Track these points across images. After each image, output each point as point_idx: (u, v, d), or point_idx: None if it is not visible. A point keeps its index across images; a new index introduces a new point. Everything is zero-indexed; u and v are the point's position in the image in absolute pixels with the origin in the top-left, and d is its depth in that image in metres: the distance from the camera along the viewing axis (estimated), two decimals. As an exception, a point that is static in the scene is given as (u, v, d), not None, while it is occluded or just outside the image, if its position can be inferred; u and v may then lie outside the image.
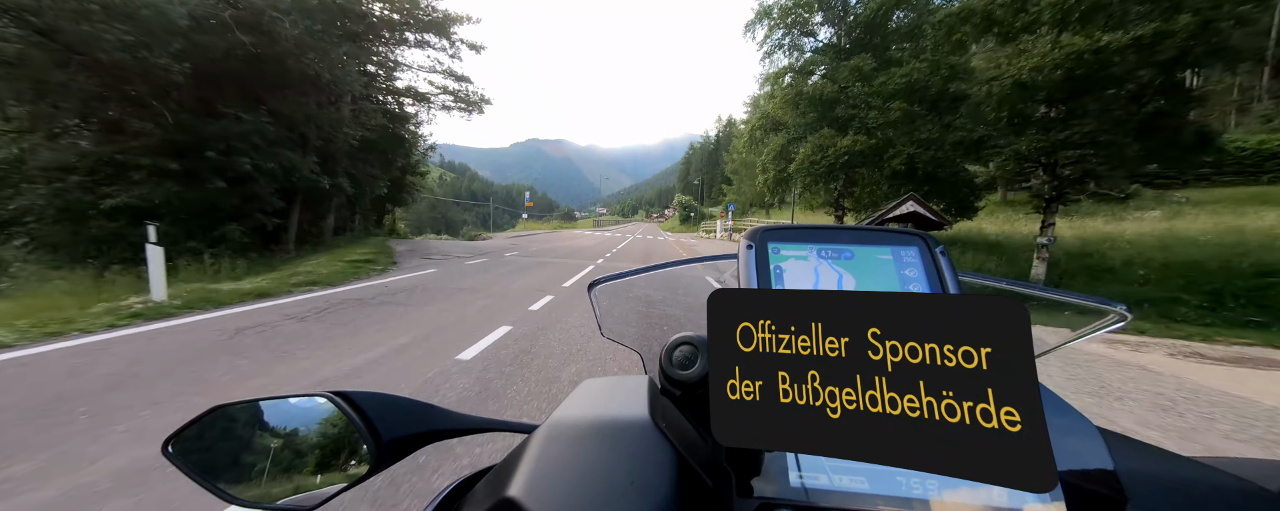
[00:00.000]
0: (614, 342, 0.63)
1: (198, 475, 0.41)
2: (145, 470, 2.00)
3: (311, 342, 4.17)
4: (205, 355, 3.73)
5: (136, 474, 1.98)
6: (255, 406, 0.45)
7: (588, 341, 4.32)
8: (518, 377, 3.33)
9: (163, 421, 2.54)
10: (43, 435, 2.33)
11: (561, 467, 0.35)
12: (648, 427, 0.38)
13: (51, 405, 2.68)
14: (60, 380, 3.10)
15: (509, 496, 0.32)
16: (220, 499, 0.41)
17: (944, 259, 0.46)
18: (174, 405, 2.74)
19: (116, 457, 2.12)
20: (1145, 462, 0.37)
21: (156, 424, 2.50)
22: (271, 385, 3.15)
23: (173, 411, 2.66)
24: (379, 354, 3.83)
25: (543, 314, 5.57)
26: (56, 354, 3.67)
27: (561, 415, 0.42)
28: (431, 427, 0.46)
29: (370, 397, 0.43)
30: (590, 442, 0.37)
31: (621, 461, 0.35)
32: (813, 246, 0.47)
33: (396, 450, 0.43)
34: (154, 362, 3.50)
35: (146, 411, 2.65)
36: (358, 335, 4.44)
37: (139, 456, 2.13)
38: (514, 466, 0.36)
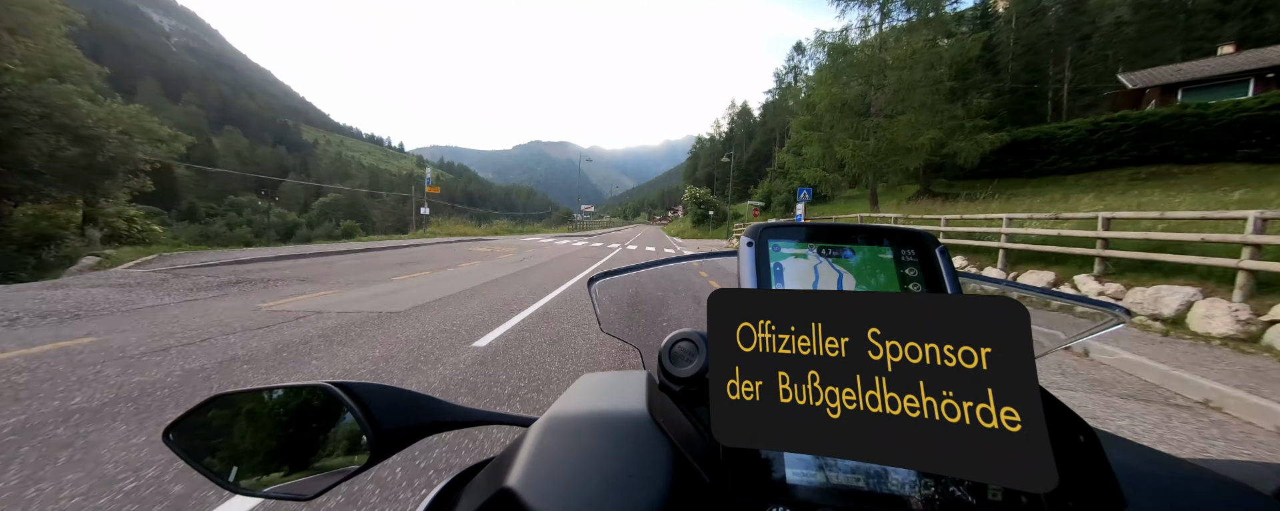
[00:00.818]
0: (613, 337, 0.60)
1: (198, 463, 0.42)
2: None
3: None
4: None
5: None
6: (255, 395, 0.45)
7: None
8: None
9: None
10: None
11: (559, 460, 0.35)
12: (646, 422, 0.38)
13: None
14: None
15: (507, 487, 0.32)
16: (221, 486, 0.41)
17: (944, 258, 0.46)
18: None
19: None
20: (1142, 464, 0.37)
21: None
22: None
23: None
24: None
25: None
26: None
27: (560, 408, 0.42)
28: (431, 419, 0.46)
29: (370, 388, 0.44)
30: (588, 436, 0.37)
31: (619, 455, 0.35)
32: (813, 245, 0.47)
33: (395, 441, 0.43)
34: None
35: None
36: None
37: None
38: (512, 458, 0.36)
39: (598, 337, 4.15)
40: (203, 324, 4.55)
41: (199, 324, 4.54)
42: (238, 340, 3.96)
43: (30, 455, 2.06)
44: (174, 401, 2.70)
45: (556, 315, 5.29)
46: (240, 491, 0.41)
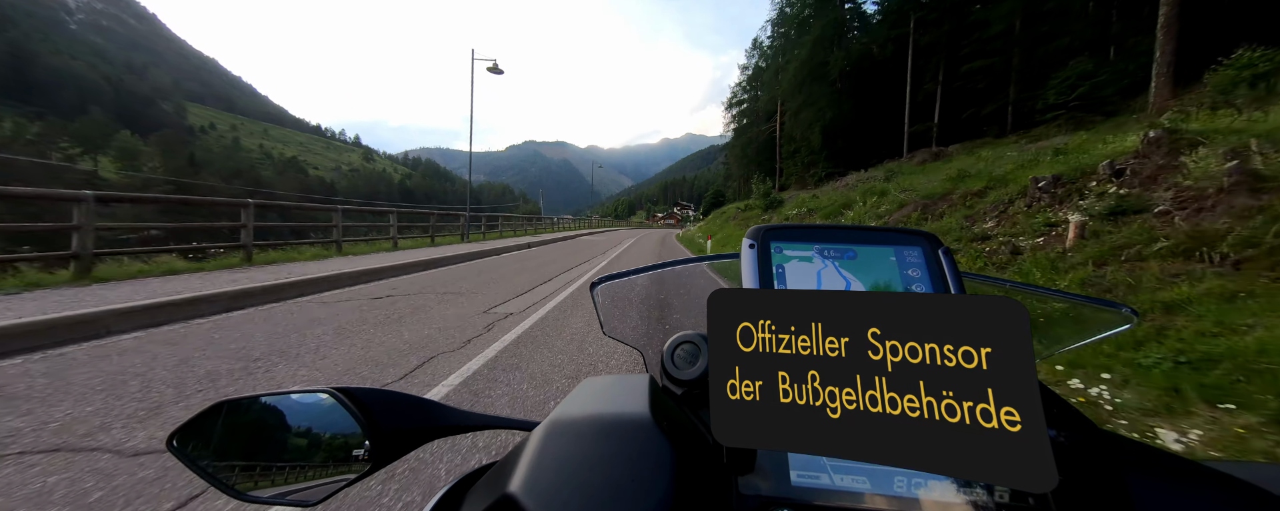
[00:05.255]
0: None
1: (202, 470, 0.42)
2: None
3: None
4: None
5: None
6: (258, 402, 0.45)
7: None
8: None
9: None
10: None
11: (561, 465, 0.35)
12: (648, 426, 0.38)
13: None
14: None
15: (509, 493, 0.32)
16: (225, 493, 0.41)
17: (947, 259, 0.46)
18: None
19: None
20: (1148, 465, 0.37)
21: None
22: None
23: None
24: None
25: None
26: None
27: (562, 412, 0.42)
28: (433, 424, 0.46)
29: (372, 394, 0.44)
30: (590, 440, 0.37)
31: (621, 459, 0.35)
32: (816, 246, 0.47)
33: (398, 446, 0.43)
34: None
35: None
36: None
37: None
38: (514, 463, 0.36)
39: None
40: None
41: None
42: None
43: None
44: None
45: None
46: (245, 498, 0.41)
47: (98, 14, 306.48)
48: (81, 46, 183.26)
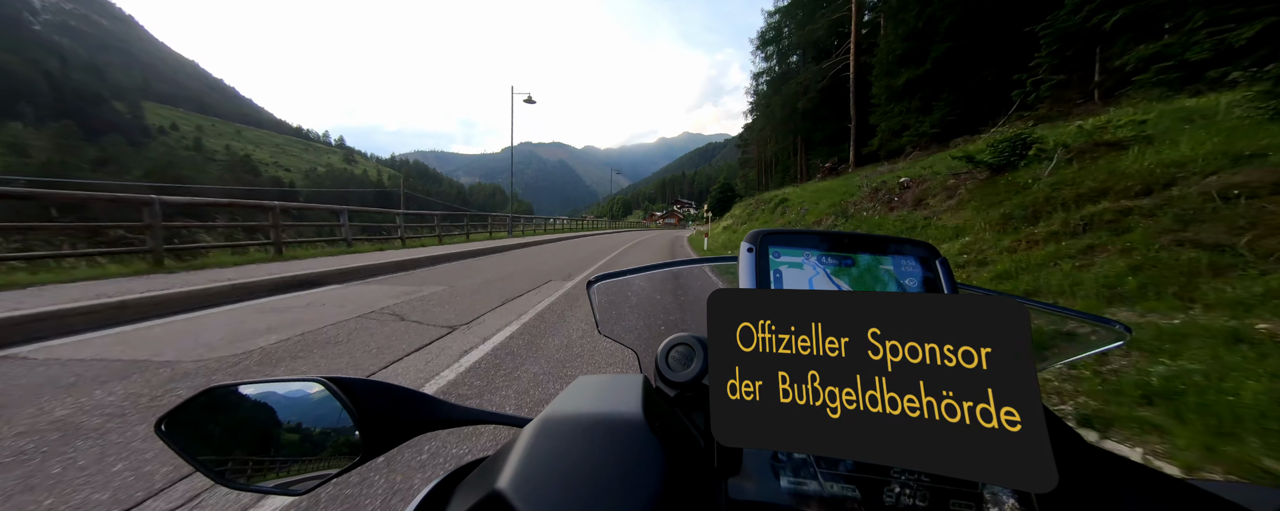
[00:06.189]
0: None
1: (189, 455, 0.41)
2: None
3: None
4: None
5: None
6: (249, 389, 0.44)
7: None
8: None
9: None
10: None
11: (551, 463, 0.34)
12: (640, 426, 0.38)
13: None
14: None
15: (498, 490, 0.32)
16: (211, 479, 0.41)
17: (944, 269, 0.46)
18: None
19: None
20: (1140, 485, 0.37)
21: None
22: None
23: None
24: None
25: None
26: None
27: (554, 410, 0.42)
28: (424, 417, 0.46)
29: (364, 384, 0.43)
30: (581, 439, 0.37)
31: (612, 459, 0.34)
32: (813, 253, 0.46)
33: (387, 438, 0.43)
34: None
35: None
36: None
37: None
38: (504, 460, 0.36)
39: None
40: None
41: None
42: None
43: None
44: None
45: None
46: (232, 485, 0.41)
47: (66, 14, 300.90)
48: (41, 48, 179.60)
